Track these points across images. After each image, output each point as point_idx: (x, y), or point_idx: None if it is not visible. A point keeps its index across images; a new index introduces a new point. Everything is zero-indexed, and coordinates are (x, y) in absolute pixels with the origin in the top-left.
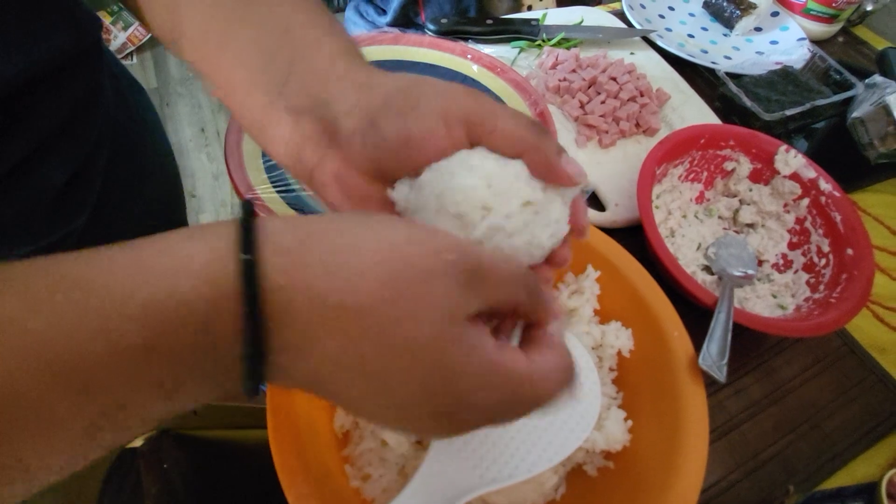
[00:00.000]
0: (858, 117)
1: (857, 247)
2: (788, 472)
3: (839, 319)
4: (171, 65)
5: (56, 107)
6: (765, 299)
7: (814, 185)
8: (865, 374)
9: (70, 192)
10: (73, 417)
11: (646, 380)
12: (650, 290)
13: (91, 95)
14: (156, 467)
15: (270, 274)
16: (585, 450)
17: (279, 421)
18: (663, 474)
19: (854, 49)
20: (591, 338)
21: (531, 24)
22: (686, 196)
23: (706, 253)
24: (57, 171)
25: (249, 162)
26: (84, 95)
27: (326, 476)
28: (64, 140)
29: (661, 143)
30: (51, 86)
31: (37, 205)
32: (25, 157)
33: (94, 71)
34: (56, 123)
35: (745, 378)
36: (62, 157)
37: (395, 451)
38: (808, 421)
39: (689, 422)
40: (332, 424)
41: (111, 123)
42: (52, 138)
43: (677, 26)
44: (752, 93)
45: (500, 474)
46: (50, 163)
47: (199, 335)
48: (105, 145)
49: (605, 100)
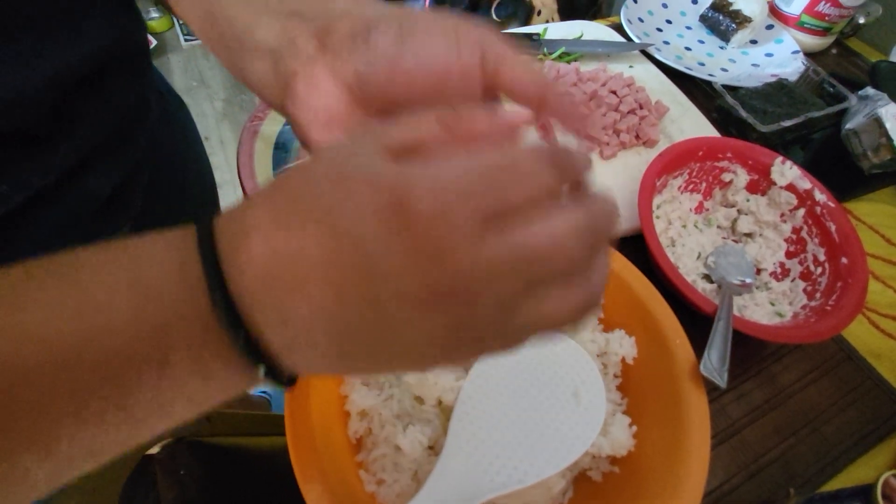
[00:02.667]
0: (852, 129)
1: (851, 256)
2: (789, 476)
3: (835, 326)
4: (175, 74)
5: (103, 116)
6: (763, 307)
7: (809, 196)
8: (862, 380)
9: (113, 204)
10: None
11: (649, 386)
12: (652, 298)
13: (138, 107)
14: (172, 474)
15: (224, 238)
16: (592, 455)
17: (297, 429)
18: (667, 478)
19: (848, 61)
20: (596, 346)
21: (532, 39)
22: (685, 206)
23: (706, 262)
24: (102, 182)
25: (261, 172)
26: (131, 106)
27: (342, 482)
28: (110, 151)
29: (661, 156)
30: (97, 91)
31: (80, 216)
32: (73, 167)
33: (140, 81)
34: (103, 134)
35: (746, 384)
36: (108, 168)
37: (409, 456)
38: (808, 425)
39: (691, 427)
40: (347, 431)
41: (155, 136)
42: (100, 149)
43: (675, 39)
44: (748, 105)
45: (509, 479)
46: (96, 174)
47: (179, 303)
48: (149, 159)
49: (606, 112)
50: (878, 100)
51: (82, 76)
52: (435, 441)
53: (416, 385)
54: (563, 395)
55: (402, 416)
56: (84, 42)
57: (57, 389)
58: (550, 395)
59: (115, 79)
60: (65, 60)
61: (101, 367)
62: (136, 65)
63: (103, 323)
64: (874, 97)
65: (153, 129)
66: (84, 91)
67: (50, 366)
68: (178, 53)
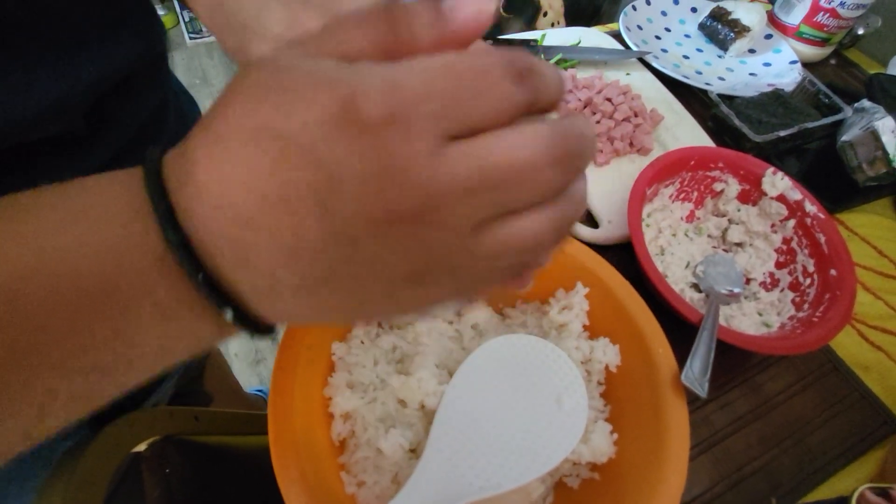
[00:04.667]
0: (848, 141)
1: (840, 267)
2: (772, 486)
3: (822, 338)
4: (178, 71)
5: (131, 118)
6: (751, 317)
7: (799, 207)
8: (849, 391)
9: None
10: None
11: (631, 394)
12: (637, 307)
13: (159, 108)
14: (158, 472)
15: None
16: (572, 461)
17: (279, 431)
18: (646, 486)
19: (846, 72)
20: (581, 353)
21: (530, 45)
22: (676, 215)
23: (695, 271)
24: None
25: None
26: (154, 107)
27: (323, 483)
28: (136, 150)
29: (652, 164)
30: (127, 95)
31: None
32: (103, 166)
33: (163, 81)
34: (131, 134)
35: (731, 393)
36: (134, 165)
37: (390, 459)
38: (792, 436)
39: (670, 435)
40: (330, 433)
41: (173, 136)
42: (127, 148)
43: (673, 48)
44: (744, 114)
45: (488, 483)
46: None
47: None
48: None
49: (601, 120)
50: (874, 112)
51: (116, 82)
52: (416, 444)
53: (399, 389)
54: (546, 401)
55: (384, 419)
56: (119, 51)
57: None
58: (533, 400)
59: (142, 83)
60: (103, 68)
61: (62, 306)
62: (159, 69)
63: (55, 257)
64: (870, 110)
65: (171, 126)
66: (117, 96)
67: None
68: (182, 51)
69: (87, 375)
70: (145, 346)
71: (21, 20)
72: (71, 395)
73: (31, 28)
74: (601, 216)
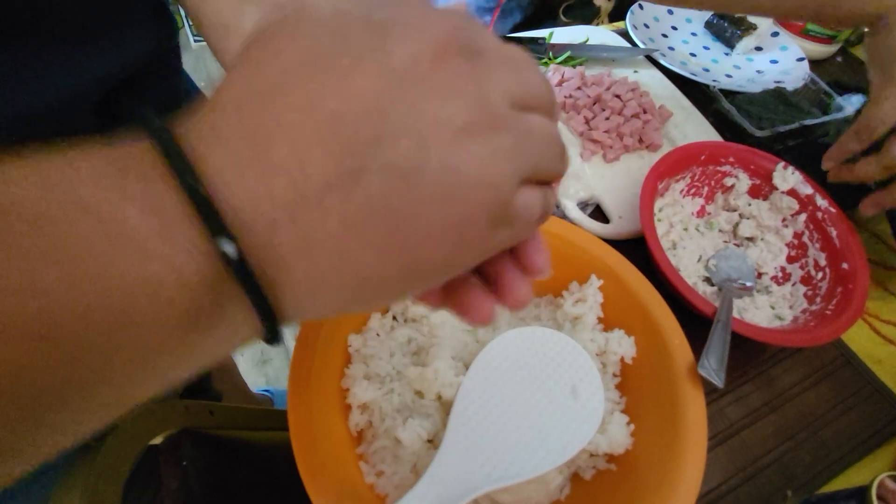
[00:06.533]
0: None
1: (852, 261)
2: (787, 478)
3: (835, 331)
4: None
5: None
6: (763, 310)
7: (811, 201)
8: (862, 385)
9: None
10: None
11: (648, 386)
12: (652, 299)
13: (170, 105)
14: (174, 464)
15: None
16: (589, 452)
17: (299, 422)
18: (663, 477)
19: (852, 69)
20: (596, 345)
21: (538, 43)
22: (687, 210)
23: (707, 265)
24: None
25: None
26: (165, 104)
27: (343, 473)
28: None
29: (663, 159)
30: (137, 92)
31: None
32: None
33: (173, 81)
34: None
35: (745, 386)
36: None
37: (408, 449)
38: (807, 429)
39: (688, 426)
40: (347, 424)
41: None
42: None
43: (680, 45)
44: (745, 110)
45: (506, 473)
46: None
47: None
48: None
49: (610, 116)
50: None
51: (124, 78)
52: (434, 435)
53: (416, 379)
54: (562, 392)
55: (402, 410)
56: (125, 48)
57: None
58: (549, 391)
59: (153, 78)
60: (113, 63)
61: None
62: (170, 66)
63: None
64: None
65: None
66: (127, 91)
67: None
68: (188, 53)
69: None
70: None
71: (30, 15)
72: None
73: (40, 22)
74: (611, 212)
